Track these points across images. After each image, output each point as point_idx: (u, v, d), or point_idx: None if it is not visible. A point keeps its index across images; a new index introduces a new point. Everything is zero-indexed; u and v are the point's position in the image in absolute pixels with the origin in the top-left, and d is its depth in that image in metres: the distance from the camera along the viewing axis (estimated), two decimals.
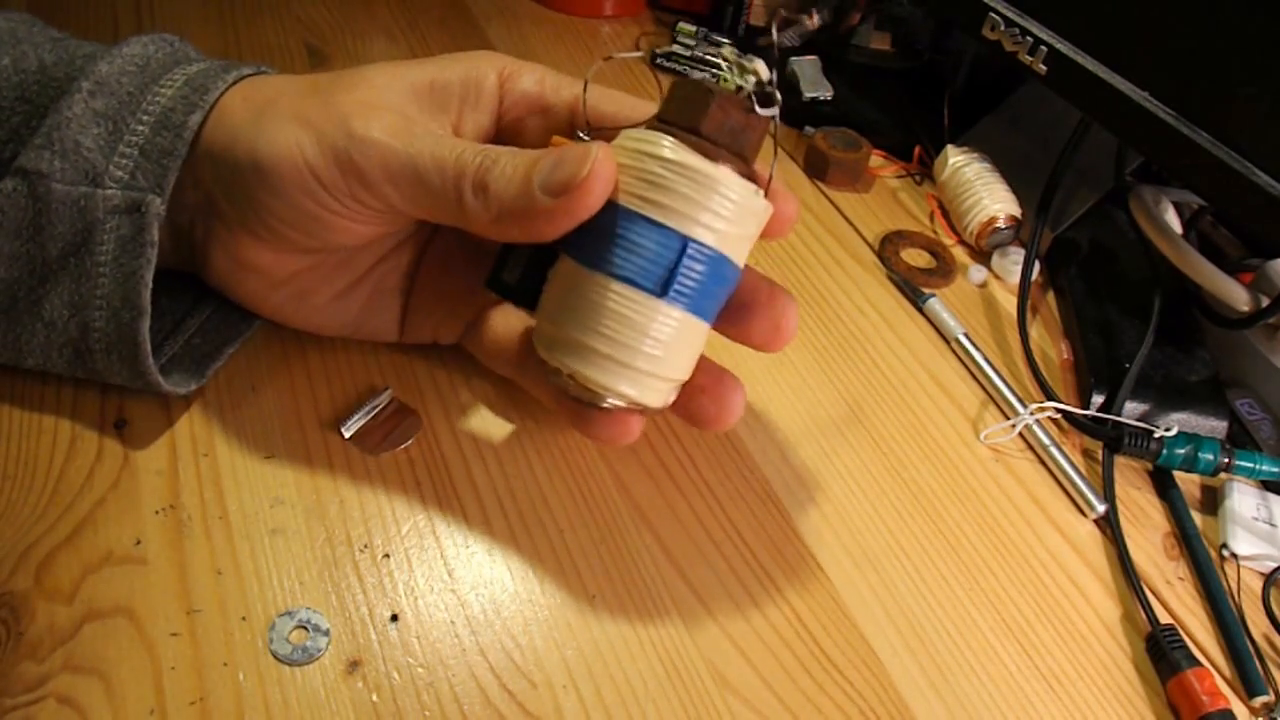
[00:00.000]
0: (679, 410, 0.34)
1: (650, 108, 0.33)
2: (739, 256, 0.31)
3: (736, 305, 0.33)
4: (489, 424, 0.38)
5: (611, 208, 0.29)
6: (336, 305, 0.37)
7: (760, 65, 0.30)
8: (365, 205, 0.32)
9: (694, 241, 0.29)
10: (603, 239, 0.29)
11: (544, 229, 0.30)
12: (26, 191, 0.31)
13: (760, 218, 0.31)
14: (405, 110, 0.32)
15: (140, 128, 0.32)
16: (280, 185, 0.31)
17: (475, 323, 0.38)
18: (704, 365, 0.33)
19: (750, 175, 0.30)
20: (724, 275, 0.31)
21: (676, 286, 0.29)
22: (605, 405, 0.32)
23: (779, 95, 0.30)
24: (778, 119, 0.30)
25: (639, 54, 0.33)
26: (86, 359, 0.33)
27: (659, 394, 0.31)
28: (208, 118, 0.32)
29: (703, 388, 0.33)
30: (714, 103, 0.29)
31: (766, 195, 0.31)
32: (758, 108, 0.30)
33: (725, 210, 0.29)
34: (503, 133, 0.36)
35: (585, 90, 0.34)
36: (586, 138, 0.33)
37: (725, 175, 0.29)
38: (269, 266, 0.35)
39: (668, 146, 0.29)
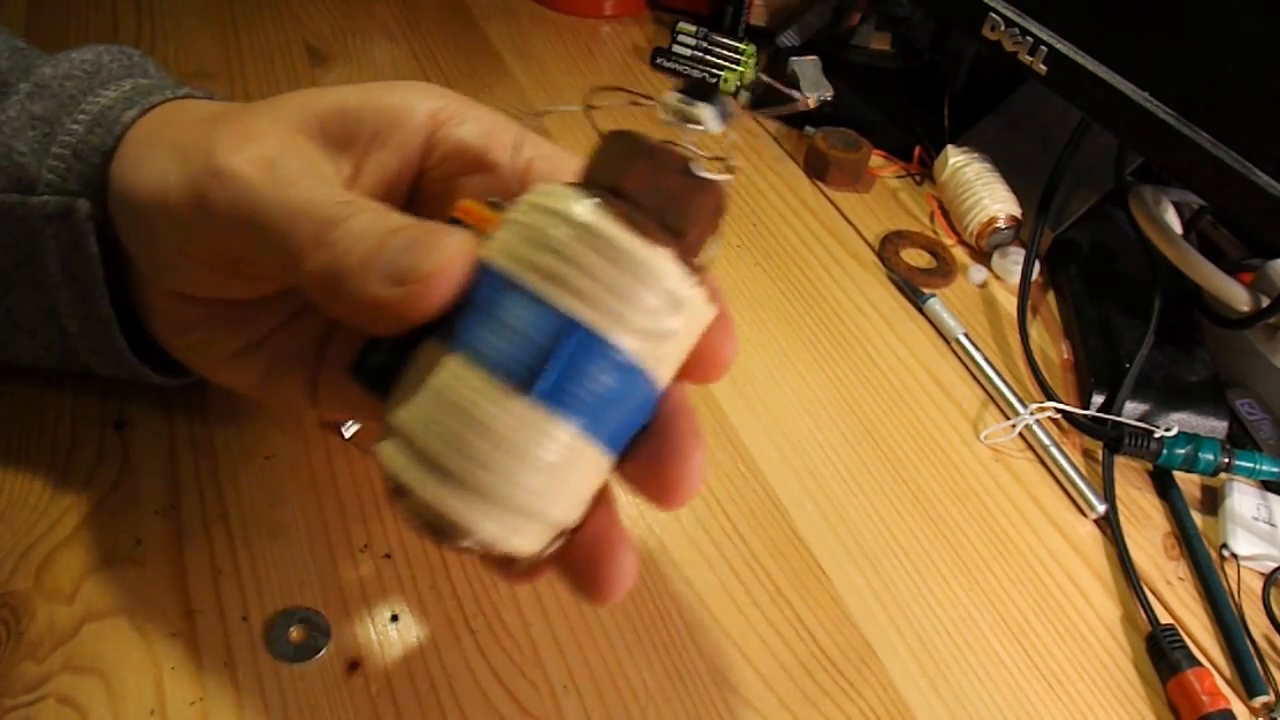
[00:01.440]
0: (551, 565, 0.25)
1: None
2: (661, 370, 0.23)
3: None
4: None
5: (487, 272, 0.22)
6: (239, 364, 0.32)
7: (706, 113, 0.23)
8: (215, 249, 0.27)
9: (586, 330, 0.21)
10: (470, 306, 0.22)
11: (374, 318, 0.23)
12: None
13: (697, 320, 0.23)
14: (294, 144, 0.27)
15: (75, 127, 0.30)
16: (141, 217, 0.28)
17: None
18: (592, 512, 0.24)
19: (689, 262, 0.23)
20: (635, 390, 0.22)
21: (550, 382, 0.21)
22: (461, 545, 0.22)
23: (732, 161, 0.23)
24: (725, 192, 0.23)
25: (574, 108, 0.25)
26: (74, 358, 0.33)
27: (528, 538, 0.22)
28: (128, 134, 0.30)
29: (582, 544, 0.24)
30: (642, 157, 0.22)
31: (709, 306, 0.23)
32: (705, 173, 0.23)
33: (647, 304, 0.21)
34: (428, 188, 0.30)
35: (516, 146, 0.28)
36: (500, 204, 0.25)
37: (650, 255, 0.21)
38: (165, 310, 0.31)
39: (577, 204, 0.22)
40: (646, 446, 0.23)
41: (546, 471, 0.21)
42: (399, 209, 0.26)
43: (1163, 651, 0.35)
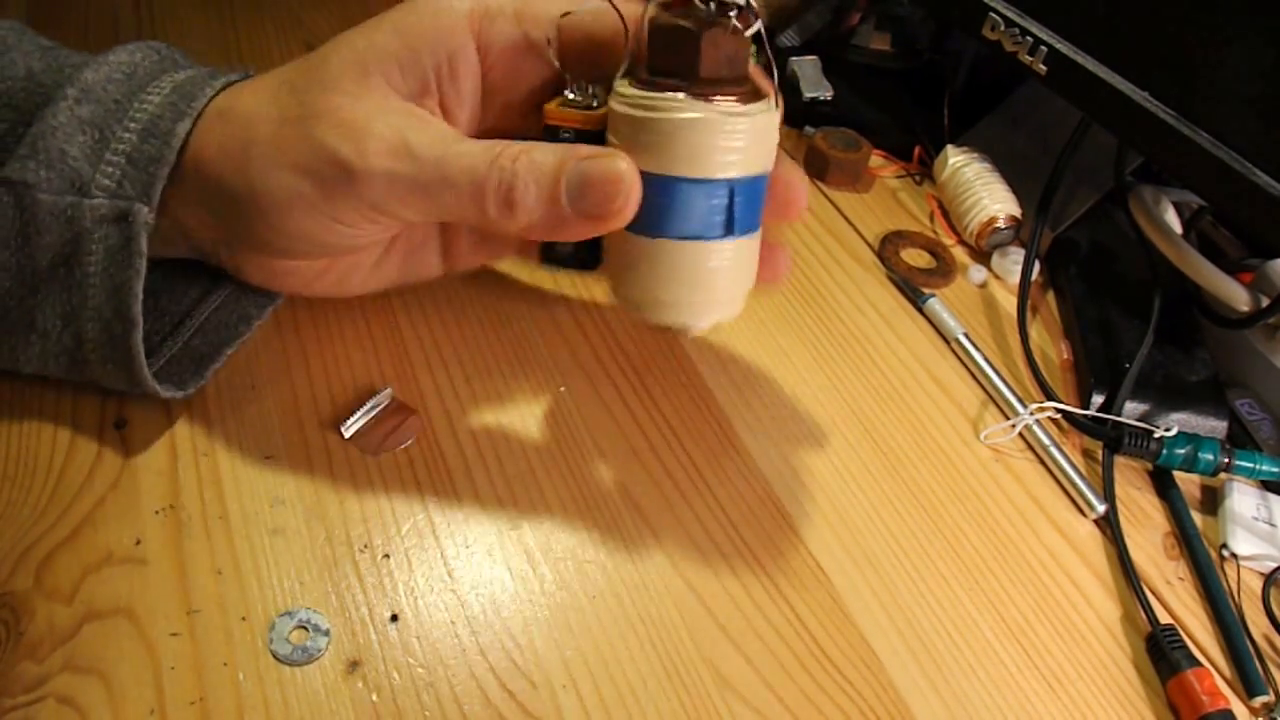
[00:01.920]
0: None
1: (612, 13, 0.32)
2: (770, 162, 0.32)
3: None
4: (489, 424, 0.38)
5: (652, 179, 0.30)
6: (378, 271, 0.38)
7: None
8: (384, 225, 0.33)
9: (738, 180, 0.30)
10: (655, 208, 0.30)
11: (572, 237, 0.31)
12: (13, 203, 0.31)
13: (776, 123, 0.32)
14: (395, 113, 0.31)
15: (127, 135, 0.32)
16: (293, 228, 0.32)
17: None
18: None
19: (753, 88, 0.31)
20: (763, 184, 0.32)
21: (736, 221, 0.31)
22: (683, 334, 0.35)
23: (754, 7, 0.30)
24: (763, 27, 0.30)
25: None
26: (83, 367, 0.33)
27: (731, 314, 0.33)
28: (188, 144, 0.32)
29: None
30: (704, 43, 0.29)
31: (776, 100, 0.31)
32: (742, 28, 0.30)
33: (750, 139, 0.30)
34: (492, 87, 0.34)
35: (554, 48, 0.33)
36: (574, 95, 0.33)
37: (742, 114, 0.30)
38: (300, 270, 0.36)
39: (682, 105, 0.29)
40: (773, 190, 0.33)
41: (725, 275, 0.32)
42: (485, 118, 0.34)
43: (1163, 651, 0.35)
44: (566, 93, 0.33)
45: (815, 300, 0.49)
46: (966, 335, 0.47)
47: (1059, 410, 0.44)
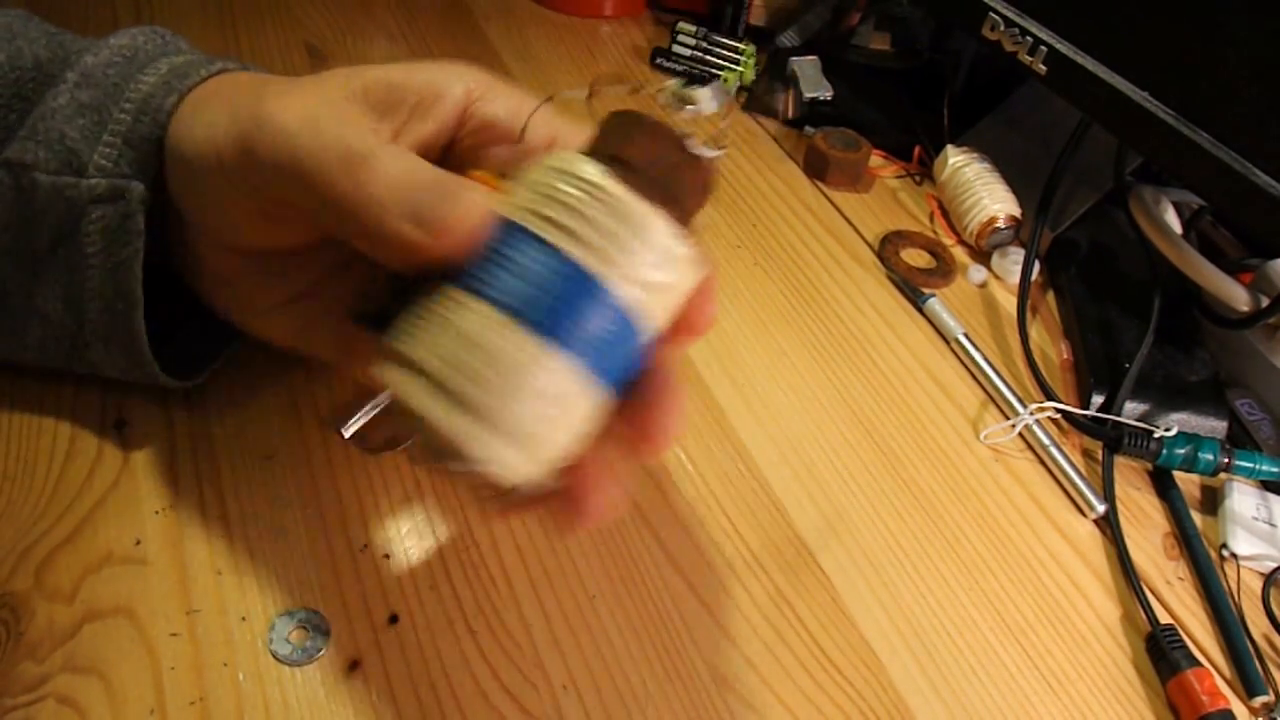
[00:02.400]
0: (539, 503, 0.26)
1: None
2: (650, 320, 0.24)
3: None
4: None
5: (502, 226, 0.24)
6: (279, 316, 0.34)
7: (703, 94, 0.26)
8: (264, 195, 0.29)
9: (591, 276, 0.23)
10: (485, 258, 0.24)
11: (391, 253, 0.26)
12: (12, 183, 0.31)
13: (687, 275, 0.25)
14: (335, 102, 0.29)
15: (123, 116, 0.32)
16: (195, 169, 0.30)
17: None
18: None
19: (681, 228, 0.25)
20: (625, 335, 0.24)
21: (565, 327, 0.23)
22: (455, 468, 0.23)
23: (724, 141, 0.26)
24: (715, 169, 0.25)
25: (578, 93, 0.28)
26: (84, 351, 0.33)
27: (516, 466, 0.23)
28: (178, 108, 0.31)
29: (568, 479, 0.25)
30: (643, 131, 0.25)
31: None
32: (700, 149, 0.25)
33: (644, 257, 0.24)
34: (458, 155, 0.32)
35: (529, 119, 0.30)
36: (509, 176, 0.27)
37: (649, 213, 0.24)
38: (212, 262, 0.33)
39: (587, 165, 0.24)
40: (630, 396, 0.25)
41: (540, 400, 0.23)
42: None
43: (1162, 651, 0.35)
44: (503, 172, 0.29)
45: (815, 300, 0.49)
46: (966, 335, 0.47)
47: (1059, 410, 0.44)
